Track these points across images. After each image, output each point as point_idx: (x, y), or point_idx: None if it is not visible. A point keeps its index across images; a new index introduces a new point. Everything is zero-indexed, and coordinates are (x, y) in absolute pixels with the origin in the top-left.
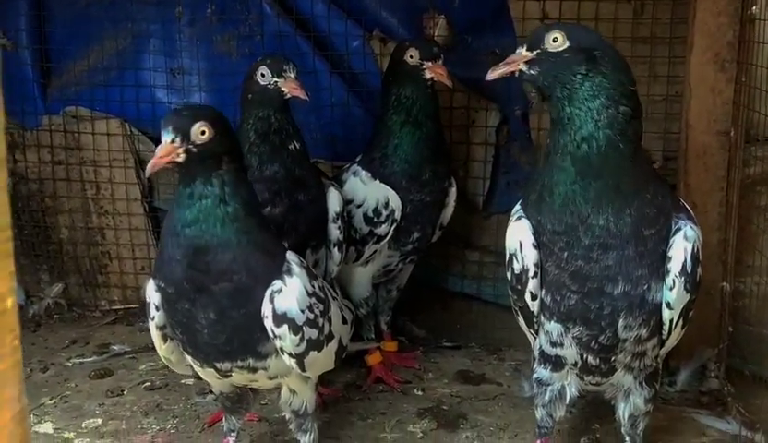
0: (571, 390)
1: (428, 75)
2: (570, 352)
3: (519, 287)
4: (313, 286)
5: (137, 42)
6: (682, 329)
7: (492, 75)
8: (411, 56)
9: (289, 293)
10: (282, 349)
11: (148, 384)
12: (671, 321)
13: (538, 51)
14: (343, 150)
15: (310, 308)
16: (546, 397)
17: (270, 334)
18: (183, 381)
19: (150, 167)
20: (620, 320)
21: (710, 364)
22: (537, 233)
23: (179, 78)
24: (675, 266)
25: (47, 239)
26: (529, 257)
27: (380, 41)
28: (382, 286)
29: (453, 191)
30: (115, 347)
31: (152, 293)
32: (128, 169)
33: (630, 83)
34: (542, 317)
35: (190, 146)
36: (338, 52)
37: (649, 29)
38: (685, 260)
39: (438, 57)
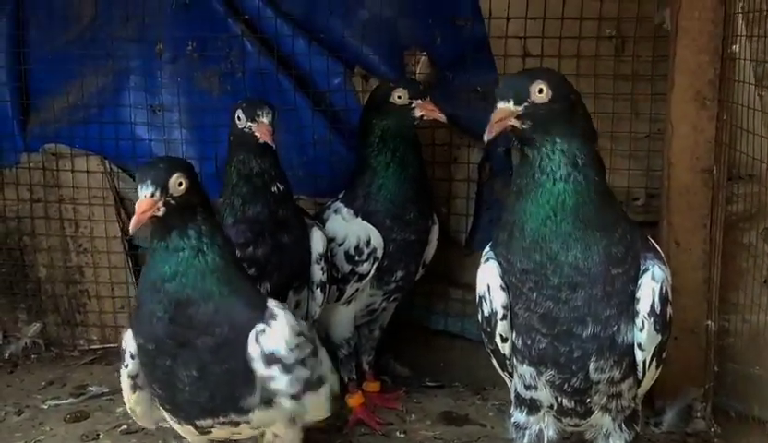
0: (549, 433)
1: (419, 113)
2: (544, 394)
3: (489, 329)
4: (299, 325)
5: (117, 79)
6: (657, 369)
7: (489, 136)
8: (399, 97)
9: (275, 332)
10: (277, 391)
11: (124, 427)
12: (644, 362)
13: (526, 104)
14: (325, 187)
15: (299, 347)
16: (525, 440)
17: (263, 376)
18: (160, 424)
19: (133, 224)
20: (591, 363)
21: (696, 404)
22: (506, 273)
23: (159, 115)
24: (644, 307)
25: (25, 277)
26: (497, 299)
27: (362, 79)
28: (365, 326)
29: (436, 228)
30: (92, 388)
31: (130, 341)
32: (108, 206)
33: (590, 120)
34: (515, 360)
35: (168, 198)
36: (319, 89)
37: (630, 67)
38: (653, 301)
39: (425, 95)
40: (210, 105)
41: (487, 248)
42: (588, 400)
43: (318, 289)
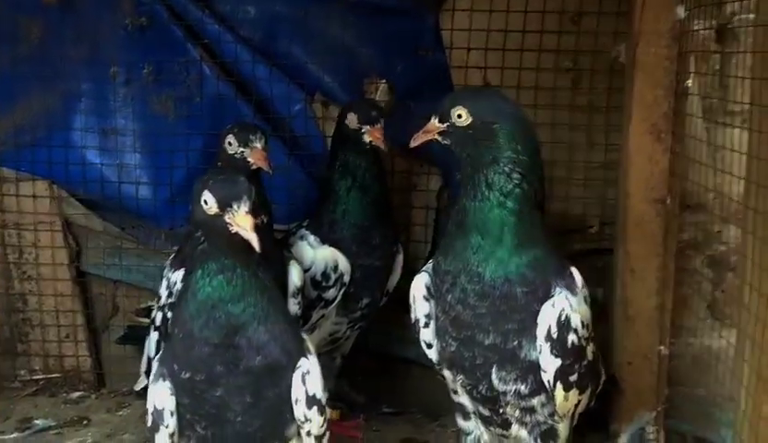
0: (484, 439)
1: (367, 139)
2: (465, 399)
3: (416, 335)
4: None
5: (67, 101)
6: (566, 392)
7: (414, 143)
8: (350, 120)
9: (314, 374)
10: (308, 432)
11: None
12: (549, 382)
13: (447, 123)
14: (283, 215)
15: (323, 387)
16: None
17: (302, 418)
18: None
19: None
20: (494, 372)
21: (648, 427)
22: (436, 273)
23: (111, 139)
24: (540, 332)
25: None
26: (420, 309)
27: (322, 105)
28: (326, 354)
29: (400, 258)
30: (38, 421)
31: (165, 399)
32: (55, 232)
33: (523, 152)
34: (442, 366)
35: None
36: (279, 115)
37: (587, 98)
38: (549, 327)
39: (376, 121)
40: (166, 130)
41: (431, 260)
42: (500, 409)
43: None
